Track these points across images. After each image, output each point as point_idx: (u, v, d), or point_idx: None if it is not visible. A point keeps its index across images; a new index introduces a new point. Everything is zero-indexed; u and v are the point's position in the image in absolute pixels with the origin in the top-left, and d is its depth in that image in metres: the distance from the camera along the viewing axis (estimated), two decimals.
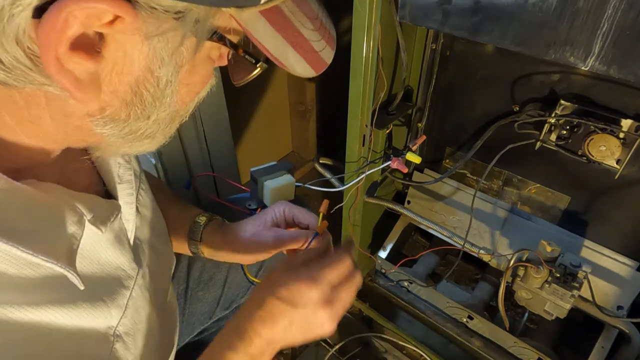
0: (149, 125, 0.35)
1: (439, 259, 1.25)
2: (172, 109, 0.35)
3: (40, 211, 0.33)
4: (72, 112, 0.31)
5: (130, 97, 0.31)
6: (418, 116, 1.03)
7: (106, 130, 0.33)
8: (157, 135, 0.37)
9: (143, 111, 0.33)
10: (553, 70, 0.78)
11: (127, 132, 0.34)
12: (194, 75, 0.34)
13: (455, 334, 1.00)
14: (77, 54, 0.26)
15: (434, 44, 0.91)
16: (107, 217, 0.40)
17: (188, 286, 0.75)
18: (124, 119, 0.33)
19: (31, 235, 0.31)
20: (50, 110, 0.31)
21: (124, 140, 0.35)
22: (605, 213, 0.87)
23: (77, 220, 0.35)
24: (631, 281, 0.87)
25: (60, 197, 0.35)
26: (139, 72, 0.30)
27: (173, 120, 0.38)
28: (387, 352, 1.13)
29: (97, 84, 0.29)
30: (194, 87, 0.36)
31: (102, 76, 0.29)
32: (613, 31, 0.54)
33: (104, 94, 0.30)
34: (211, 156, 1.11)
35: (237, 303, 0.83)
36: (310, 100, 1.59)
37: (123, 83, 0.30)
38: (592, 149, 0.75)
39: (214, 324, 0.84)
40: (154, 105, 0.33)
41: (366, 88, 0.78)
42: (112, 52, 0.28)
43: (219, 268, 0.77)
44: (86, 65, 0.27)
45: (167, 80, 0.32)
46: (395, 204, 1.00)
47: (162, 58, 0.30)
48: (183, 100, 0.36)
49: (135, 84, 0.31)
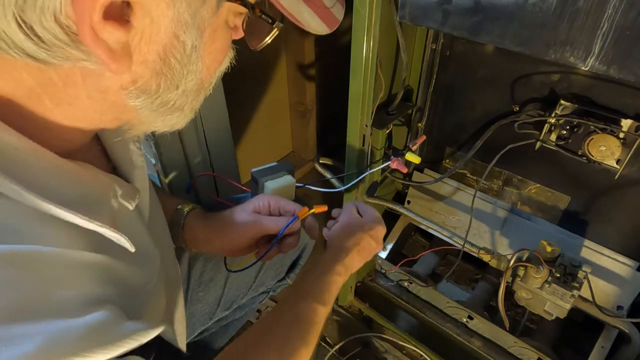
0: (179, 96, 0.36)
1: (439, 259, 1.26)
2: (198, 79, 0.36)
3: (85, 184, 0.36)
4: (107, 87, 0.33)
5: (159, 66, 0.33)
6: (418, 116, 1.03)
7: (139, 102, 0.34)
8: (185, 108, 0.38)
9: (172, 80, 0.34)
10: (553, 70, 0.78)
11: (159, 104, 0.35)
12: (215, 41, 0.35)
13: (455, 334, 1.00)
14: (109, 23, 0.28)
15: (434, 44, 0.91)
16: (133, 195, 0.42)
17: (189, 287, 0.75)
18: (155, 89, 0.34)
19: (81, 204, 0.33)
20: (86, 88, 0.32)
21: (156, 114, 0.36)
22: (605, 213, 0.87)
23: (113, 195, 0.38)
24: (631, 281, 0.87)
25: (97, 174, 0.38)
26: (166, 39, 0.31)
27: (199, 93, 0.39)
28: (387, 352, 1.13)
29: (129, 54, 0.31)
30: (216, 55, 0.37)
31: (132, 46, 0.31)
32: (613, 31, 0.54)
33: (135, 65, 0.31)
34: (211, 156, 1.11)
35: (237, 304, 0.83)
36: (310, 100, 1.59)
37: (152, 52, 0.31)
38: (592, 149, 0.75)
39: (214, 324, 0.84)
40: (182, 73, 0.34)
41: (366, 88, 0.78)
42: (140, 20, 0.29)
43: (219, 269, 0.77)
44: (117, 35, 0.29)
45: (193, 45, 0.33)
46: (395, 204, 1.00)
47: (187, 21, 0.31)
48: (208, 69, 0.37)
49: (163, 51, 0.32)
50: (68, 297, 0.30)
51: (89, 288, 0.32)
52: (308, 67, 1.49)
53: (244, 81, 1.34)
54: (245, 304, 0.85)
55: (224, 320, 0.87)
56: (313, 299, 0.53)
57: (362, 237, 0.63)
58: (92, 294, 0.32)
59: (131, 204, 0.41)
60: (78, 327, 0.28)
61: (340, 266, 0.58)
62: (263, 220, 0.61)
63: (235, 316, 0.89)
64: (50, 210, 0.31)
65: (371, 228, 0.64)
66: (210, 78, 0.40)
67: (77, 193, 0.34)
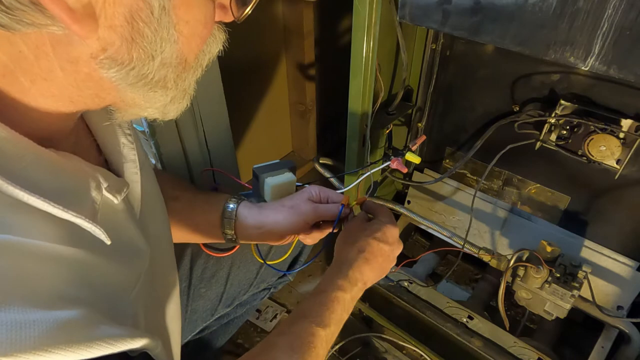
0: (156, 67, 0.35)
1: (439, 259, 1.26)
2: (176, 49, 0.35)
3: (64, 174, 0.35)
4: (78, 57, 0.32)
5: (128, 32, 0.32)
6: (418, 116, 1.03)
7: (113, 73, 0.33)
8: (169, 86, 0.37)
9: (145, 49, 0.33)
10: (553, 70, 0.78)
11: (135, 77, 0.34)
12: (190, 9, 0.34)
13: (455, 334, 1.00)
14: None
15: (434, 44, 0.91)
16: (120, 188, 0.41)
17: (190, 283, 0.75)
18: (128, 59, 0.33)
19: (58, 194, 0.33)
20: (58, 58, 0.31)
21: (136, 88, 0.35)
22: (605, 213, 0.87)
23: (95, 186, 0.37)
24: (631, 281, 0.87)
25: (79, 164, 0.37)
26: (130, 0, 0.30)
27: (184, 69, 0.37)
28: (387, 352, 1.13)
29: (93, 16, 0.30)
30: (196, 27, 0.35)
31: (97, 9, 0.30)
32: (613, 31, 0.54)
33: (102, 30, 0.31)
34: (211, 156, 1.11)
35: (238, 300, 0.83)
36: (310, 100, 1.59)
37: (118, 15, 0.30)
38: (592, 149, 0.75)
39: (216, 322, 0.84)
40: (154, 40, 0.33)
41: (366, 88, 0.78)
42: None
43: (221, 265, 0.78)
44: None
45: (161, 6, 0.32)
46: (395, 204, 1.00)
47: None
48: (188, 42, 0.36)
49: (130, 14, 0.31)
50: (37, 290, 0.29)
51: (61, 285, 0.31)
52: (308, 67, 1.49)
53: (244, 81, 1.34)
54: (246, 300, 0.86)
55: (225, 317, 0.87)
56: (311, 320, 0.49)
57: (367, 243, 0.56)
58: (64, 292, 0.31)
59: (117, 197, 0.40)
60: (44, 320, 0.27)
61: (343, 280, 0.53)
62: (320, 208, 0.65)
63: (236, 313, 0.89)
64: (23, 197, 0.30)
65: (377, 230, 0.58)
66: (196, 56, 0.38)
67: (55, 183, 0.33)
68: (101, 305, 0.34)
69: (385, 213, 0.62)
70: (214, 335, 0.92)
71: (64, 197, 0.33)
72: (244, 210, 0.66)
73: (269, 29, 1.34)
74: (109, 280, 0.37)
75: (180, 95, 0.39)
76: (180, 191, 0.67)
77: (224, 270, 0.78)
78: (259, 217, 0.66)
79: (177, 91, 0.38)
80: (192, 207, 0.67)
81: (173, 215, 0.64)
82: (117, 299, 0.38)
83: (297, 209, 0.65)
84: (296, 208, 0.65)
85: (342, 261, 0.56)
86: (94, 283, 0.35)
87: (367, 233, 0.57)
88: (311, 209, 0.65)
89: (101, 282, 0.36)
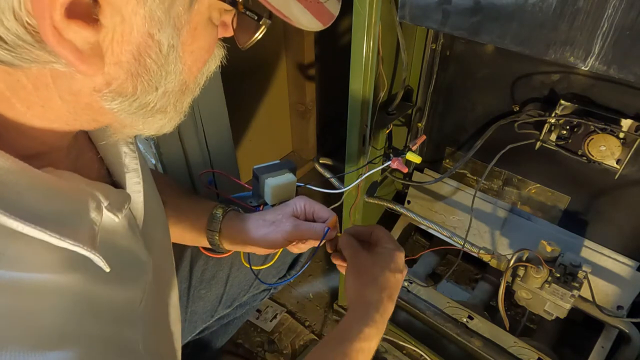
0: (159, 97, 0.34)
1: (439, 259, 1.26)
2: (179, 79, 0.34)
3: (61, 197, 0.34)
4: (80, 89, 0.31)
5: (134, 68, 0.31)
6: (418, 116, 1.03)
7: (115, 105, 0.33)
8: (168, 110, 0.36)
9: (150, 82, 0.32)
10: (553, 70, 0.78)
11: (138, 107, 0.34)
12: (196, 39, 0.33)
13: (455, 334, 1.00)
14: (74, 22, 0.26)
15: (434, 44, 0.91)
16: (122, 204, 0.40)
17: (190, 284, 0.75)
18: (132, 92, 0.32)
19: (55, 219, 0.32)
20: (58, 90, 0.31)
21: (135, 116, 0.35)
22: (605, 213, 0.87)
23: (95, 207, 0.36)
24: (631, 281, 0.87)
25: (78, 184, 0.36)
26: (139, 39, 0.30)
27: (183, 94, 0.37)
28: (387, 352, 1.13)
29: (100, 55, 0.29)
30: (199, 54, 0.35)
31: (104, 47, 0.29)
32: (613, 31, 0.54)
33: (108, 66, 0.30)
34: (211, 156, 1.11)
35: (238, 301, 0.83)
36: (310, 100, 1.59)
37: (125, 52, 0.30)
38: (592, 149, 0.75)
39: (216, 322, 0.84)
40: (160, 74, 0.32)
41: (366, 88, 0.78)
42: (109, 18, 0.28)
43: (221, 266, 0.78)
44: (85, 35, 0.27)
45: (169, 45, 0.31)
46: (395, 204, 1.00)
47: (160, 19, 0.29)
48: (190, 69, 0.35)
49: (138, 51, 0.30)
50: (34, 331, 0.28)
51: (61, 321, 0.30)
52: (308, 67, 1.49)
53: (244, 81, 1.34)
54: (246, 301, 0.86)
55: (225, 318, 0.87)
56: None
57: (387, 279, 0.53)
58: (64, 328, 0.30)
59: (117, 215, 0.39)
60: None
61: (371, 328, 0.49)
62: (302, 226, 0.62)
63: (236, 314, 0.89)
64: (18, 227, 0.29)
65: (390, 261, 0.55)
66: (195, 78, 0.38)
67: (52, 207, 0.32)
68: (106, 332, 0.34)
69: (387, 237, 0.58)
70: (214, 336, 0.92)
71: (61, 223, 0.32)
72: (228, 222, 0.65)
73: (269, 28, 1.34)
74: (114, 304, 0.37)
75: (177, 116, 0.38)
76: (167, 196, 0.65)
77: (224, 271, 0.78)
78: (240, 233, 0.64)
79: (175, 113, 0.38)
80: (179, 214, 0.66)
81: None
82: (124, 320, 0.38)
83: (279, 225, 0.63)
84: (277, 225, 0.63)
85: (367, 304, 0.52)
86: (99, 310, 0.34)
87: (382, 266, 0.54)
88: (293, 227, 0.61)
89: (106, 308, 0.35)
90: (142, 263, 0.44)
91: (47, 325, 0.29)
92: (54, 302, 0.31)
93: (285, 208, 0.65)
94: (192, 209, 0.66)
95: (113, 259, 0.36)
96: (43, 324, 0.29)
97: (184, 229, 0.66)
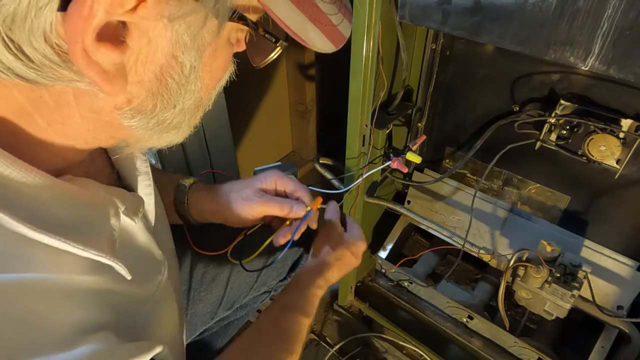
0: (176, 114, 0.35)
1: (439, 259, 1.26)
2: (196, 97, 0.35)
3: (81, 206, 0.34)
4: (101, 108, 0.31)
5: (156, 87, 0.31)
6: (418, 116, 1.03)
7: (134, 122, 0.33)
8: (183, 126, 0.37)
9: (169, 100, 0.33)
10: (553, 70, 0.78)
11: (155, 124, 0.34)
12: (215, 59, 0.34)
13: (455, 334, 1.00)
14: (103, 44, 0.26)
15: (434, 44, 0.91)
16: (137, 208, 0.41)
17: (190, 287, 0.75)
18: (151, 109, 0.33)
19: (78, 229, 0.32)
20: (79, 108, 0.31)
21: (152, 132, 0.35)
22: (605, 213, 0.87)
23: (114, 213, 0.37)
24: (631, 281, 0.87)
25: (96, 191, 0.37)
26: (163, 60, 0.30)
27: (197, 109, 0.37)
28: (387, 352, 1.13)
29: (124, 74, 0.29)
30: (217, 73, 0.36)
31: (127, 67, 0.29)
32: (613, 31, 0.54)
33: (130, 85, 0.30)
34: (211, 156, 1.11)
35: (238, 303, 0.83)
36: (310, 100, 1.59)
37: (148, 72, 0.30)
38: (592, 149, 0.75)
39: (216, 324, 0.84)
40: (179, 93, 0.33)
41: (366, 88, 0.78)
42: (137, 41, 0.28)
43: (221, 269, 0.77)
44: (112, 56, 0.27)
45: (191, 66, 0.31)
46: (395, 204, 1.00)
47: (185, 43, 0.30)
48: (207, 87, 0.36)
49: (160, 72, 0.31)
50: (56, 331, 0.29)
51: (81, 315, 0.31)
52: (308, 67, 1.49)
53: (244, 81, 1.34)
54: (246, 303, 0.86)
55: (225, 319, 0.87)
56: (297, 312, 0.56)
57: (344, 254, 0.64)
58: (85, 321, 0.31)
59: (134, 220, 0.40)
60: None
61: (322, 280, 0.61)
62: (270, 201, 0.61)
63: (236, 315, 0.89)
64: (44, 240, 0.30)
65: (353, 244, 0.66)
66: (209, 94, 0.38)
67: (72, 217, 0.33)
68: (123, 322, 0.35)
69: (359, 229, 0.70)
70: (214, 337, 0.92)
71: (84, 232, 0.33)
72: (195, 192, 0.65)
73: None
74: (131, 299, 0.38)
75: (189, 130, 0.39)
76: None
77: (224, 274, 0.78)
78: (209, 204, 0.64)
79: (188, 128, 0.38)
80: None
81: None
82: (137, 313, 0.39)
83: (247, 200, 0.62)
84: (246, 199, 0.62)
85: (323, 263, 0.63)
86: (117, 304, 0.35)
87: (345, 244, 0.65)
88: (260, 202, 0.61)
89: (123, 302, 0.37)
90: (157, 262, 0.46)
91: (68, 323, 0.30)
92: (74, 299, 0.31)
93: (253, 181, 0.64)
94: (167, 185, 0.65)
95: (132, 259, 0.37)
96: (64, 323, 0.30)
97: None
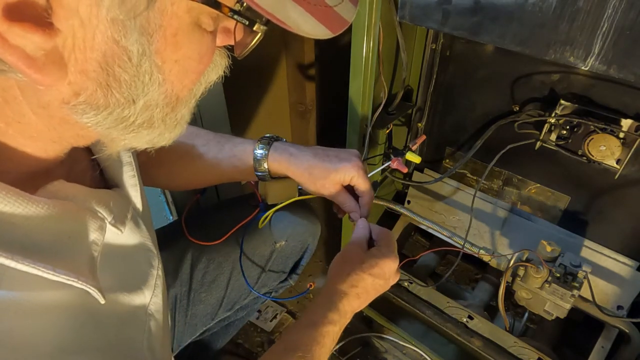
0: (139, 111, 0.31)
1: (439, 259, 1.26)
2: (162, 91, 0.31)
3: (59, 223, 0.32)
4: (48, 102, 0.29)
5: (103, 77, 0.28)
6: (418, 116, 1.03)
7: (87, 119, 0.30)
8: (155, 124, 0.33)
9: (123, 94, 0.30)
10: (553, 70, 0.78)
11: (114, 121, 0.31)
12: (179, 47, 0.30)
13: (455, 334, 1.00)
14: (19, 25, 0.24)
15: (434, 44, 0.91)
16: (124, 213, 0.40)
17: (191, 288, 0.75)
18: (104, 104, 0.30)
19: (50, 250, 0.30)
20: (28, 103, 0.29)
21: (116, 131, 0.32)
22: (605, 213, 0.87)
23: (98, 227, 0.35)
24: (631, 281, 0.87)
25: (82, 202, 0.35)
26: (104, 45, 0.27)
27: (174, 107, 0.34)
28: (387, 352, 1.13)
29: (60, 63, 0.27)
30: (188, 64, 0.32)
31: (65, 54, 0.27)
32: (613, 31, 0.54)
33: (72, 75, 0.28)
34: None
35: (239, 304, 0.83)
36: (310, 100, 1.59)
37: (90, 60, 0.27)
38: (592, 149, 0.75)
39: (216, 325, 0.84)
40: (134, 85, 0.30)
41: (366, 88, 0.78)
42: (64, 22, 0.25)
43: (222, 270, 0.77)
44: (36, 40, 0.24)
45: (139, 52, 0.28)
46: (395, 204, 1.00)
47: (123, 23, 0.26)
48: (180, 81, 0.32)
49: (104, 60, 0.28)
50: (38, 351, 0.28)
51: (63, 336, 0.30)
52: (308, 67, 1.49)
53: (244, 81, 1.34)
54: (247, 304, 0.85)
55: (226, 320, 0.87)
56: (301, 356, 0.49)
57: (362, 278, 0.54)
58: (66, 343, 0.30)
59: (120, 229, 0.38)
60: None
61: (334, 314, 0.52)
62: (338, 197, 0.65)
63: (237, 316, 0.89)
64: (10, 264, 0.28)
65: (373, 265, 0.55)
66: (189, 91, 0.35)
67: (46, 238, 0.31)
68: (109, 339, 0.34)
69: (387, 242, 0.59)
70: (214, 337, 0.92)
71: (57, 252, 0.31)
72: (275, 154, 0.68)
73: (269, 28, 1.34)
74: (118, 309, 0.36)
75: (170, 129, 0.36)
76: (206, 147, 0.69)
77: (225, 275, 0.77)
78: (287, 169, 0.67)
79: (165, 127, 0.35)
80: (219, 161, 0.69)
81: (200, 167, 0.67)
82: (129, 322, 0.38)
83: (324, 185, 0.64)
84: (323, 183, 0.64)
85: (333, 292, 0.54)
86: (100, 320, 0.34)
87: (363, 267, 0.55)
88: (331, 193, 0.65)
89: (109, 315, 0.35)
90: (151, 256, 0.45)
91: (49, 343, 0.29)
92: (54, 318, 0.30)
93: (336, 175, 0.64)
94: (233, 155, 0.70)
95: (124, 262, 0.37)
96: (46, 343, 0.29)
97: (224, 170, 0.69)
